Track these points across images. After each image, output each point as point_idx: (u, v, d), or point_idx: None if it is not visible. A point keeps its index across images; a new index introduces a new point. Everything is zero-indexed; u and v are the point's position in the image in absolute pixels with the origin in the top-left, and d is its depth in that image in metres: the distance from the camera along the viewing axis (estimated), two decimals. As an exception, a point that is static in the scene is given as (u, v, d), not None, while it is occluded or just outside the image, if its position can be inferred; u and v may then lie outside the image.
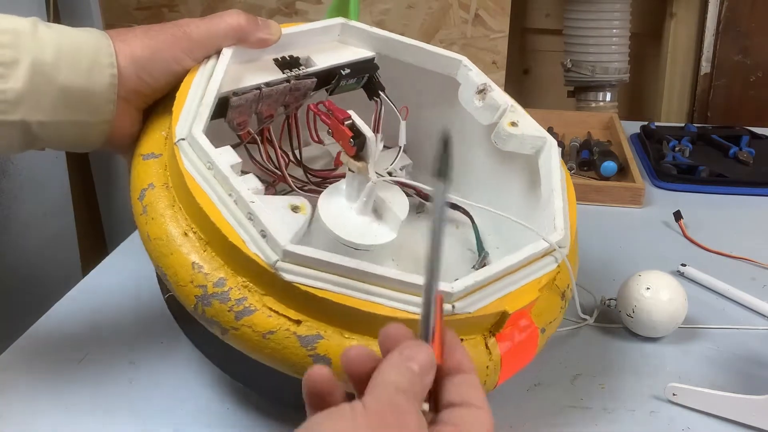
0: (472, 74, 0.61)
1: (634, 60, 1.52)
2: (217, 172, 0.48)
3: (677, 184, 0.98)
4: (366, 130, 0.52)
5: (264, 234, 0.45)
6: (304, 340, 0.46)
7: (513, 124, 0.59)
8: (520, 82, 1.71)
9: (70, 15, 1.22)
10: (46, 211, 1.16)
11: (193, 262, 0.48)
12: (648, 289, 0.63)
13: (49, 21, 0.54)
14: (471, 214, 0.65)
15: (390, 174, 0.63)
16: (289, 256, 0.45)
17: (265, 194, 0.51)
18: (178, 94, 0.54)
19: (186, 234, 0.49)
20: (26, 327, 0.66)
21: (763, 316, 0.70)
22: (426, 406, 0.35)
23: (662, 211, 0.90)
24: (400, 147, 0.61)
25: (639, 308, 0.63)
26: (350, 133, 0.52)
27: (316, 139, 0.59)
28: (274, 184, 0.62)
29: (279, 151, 0.60)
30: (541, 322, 0.51)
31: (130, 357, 0.62)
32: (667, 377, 0.60)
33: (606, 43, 1.47)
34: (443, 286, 0.45)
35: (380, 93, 0.61)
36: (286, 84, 0.57)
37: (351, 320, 0.46)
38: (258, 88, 0.56)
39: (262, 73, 0.57)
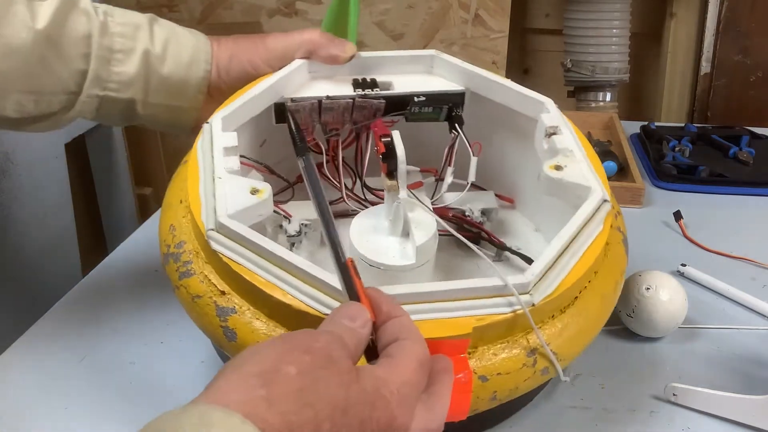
0: (546, 116, 0.59)
1: (634, 60, 1.52)
2: (212, 151, 0.53)
3: (677, 184, 0.98)
4: (399, 150, 0.52)
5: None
6: (221, 311, 0.48)
7: (557, 167, 0.55)
8: (520, 82, 1.70)
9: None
10: (46, 211, 1.16)
11: (171, 225, 0.55)
12: (648, 289, 0.63)
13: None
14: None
15: (463, 213, 0.62)
16: (222, 228, 0.48)
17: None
18: (237, 93, 0.60)
19: (181, 202, 0.55)
20: (26, 327, 0.66)
21: (763, 316, 0.70)
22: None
23: (662, 211, 0.90)
24: (468, 183, 0.59)
25: (639, 308, 0.63)
26: (382, 149, 0.53)
27: None
28: (337, 201, 0.63)
29: (341, 164, 0.61)
30: (486, 370, 0.46)
31: (130, 357, 0.62)
32: (667, 377, 0.60)
33: (606, 43, 1.47)
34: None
35: (456, 126, 0.60)
36: (349, 101, 0.59)
37: (260, 301, 0.47)
38: (318, 99, 0.59)
39: (333, 88, 0.61)
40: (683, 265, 0.76)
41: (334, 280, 0.44)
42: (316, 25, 1.52)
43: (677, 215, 0.87)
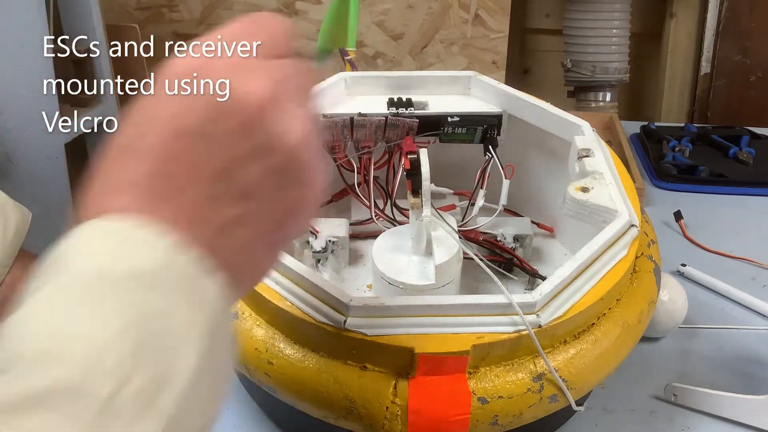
0: (580, 139, 0.57)
1: (634, 60, 1.52)
2: None
3: (677, 184, 0.98)
4: (424, 167, 0.51)
5: None
6: None
7: (583, 189, 0.52)
8: (520, 82, 1.71)
9: (71, 15, 1.22)
10: (47, 211, 1.16)
11: None
12: (648, 289, 0.63)
13: (48, 21, 0.54)
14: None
15: (495, 238, 0.61)
16: None
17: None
18: None
19: None
20: (26, 327, 0.66)
21: (763, 316, 0.70)
22: None
23: (662, 211, 0.90)
24: (499, 207, 0.58)
25: (639, 308, 0.63)
26: (407, 166, 0.52)
27: None
28: (367, 221, 0.63)
29: (372, 183, 0.61)
30: (486, 392, 0.43)
31: (130, 357, 0.62)
32: (667, 377, 0.60)
33: (606, 43, 1.47)
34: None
35: (489, 148, 0.60)
36: (382, 119, 0.59)
37: (261, 307, 0.47)
38: (350, 116, 0.59)
39: (368, 106, 0.60)
40: (683, 265, 0.76)
41: (335, 289, 0.44)
42: (316, 25, 1.51)
43: (677, 215, 0.87)
